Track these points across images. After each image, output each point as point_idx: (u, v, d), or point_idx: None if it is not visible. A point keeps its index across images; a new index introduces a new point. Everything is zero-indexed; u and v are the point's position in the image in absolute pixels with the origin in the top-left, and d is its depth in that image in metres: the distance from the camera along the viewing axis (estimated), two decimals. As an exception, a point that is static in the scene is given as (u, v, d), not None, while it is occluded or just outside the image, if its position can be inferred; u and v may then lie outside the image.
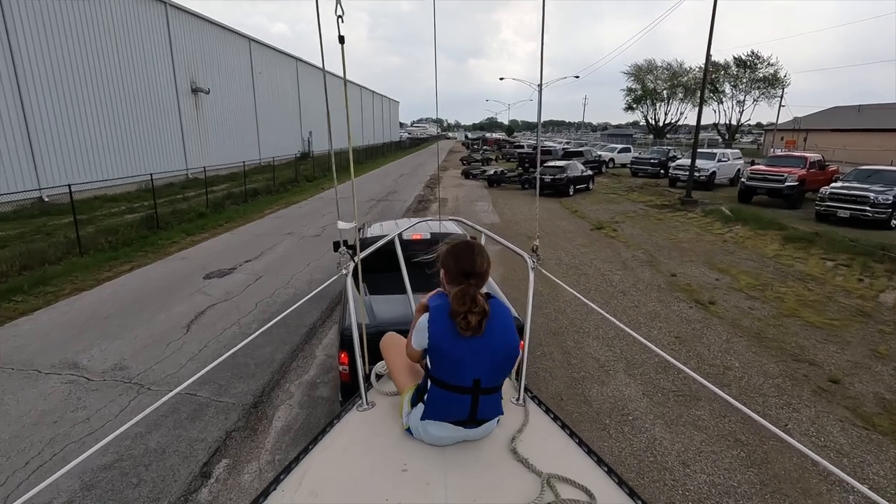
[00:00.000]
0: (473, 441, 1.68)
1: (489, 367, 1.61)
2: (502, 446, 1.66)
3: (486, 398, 1.62)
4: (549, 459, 1.56)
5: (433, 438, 1.65)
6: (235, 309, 7.25)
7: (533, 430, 1.74)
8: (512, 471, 1.54)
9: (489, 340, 1.61)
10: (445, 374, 1.61)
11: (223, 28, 26.28)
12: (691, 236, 12.59)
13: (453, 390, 1.60)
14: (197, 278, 8.71)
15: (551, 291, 8.10)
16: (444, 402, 1.61)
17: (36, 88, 14.81)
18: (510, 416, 1.81)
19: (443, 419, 1.62)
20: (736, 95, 54.11)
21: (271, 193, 19.27)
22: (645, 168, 26.93)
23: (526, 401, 1.93)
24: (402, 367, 1.90)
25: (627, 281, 8.86)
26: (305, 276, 8.99)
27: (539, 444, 1.67)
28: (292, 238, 11.95)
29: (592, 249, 11.21)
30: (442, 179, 27.41)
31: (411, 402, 1.71)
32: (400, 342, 1.98)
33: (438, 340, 1.60)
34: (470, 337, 1.58)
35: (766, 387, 5.25)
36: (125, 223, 12.01)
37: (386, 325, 3.29)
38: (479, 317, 1.58)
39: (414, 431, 1.68)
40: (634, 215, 15.73)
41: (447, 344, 1.59)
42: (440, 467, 1.56)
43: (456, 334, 1.59)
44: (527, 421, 1.79)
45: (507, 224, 14.29)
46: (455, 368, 1.59)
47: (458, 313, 1.58)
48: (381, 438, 1.70)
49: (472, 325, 1.57)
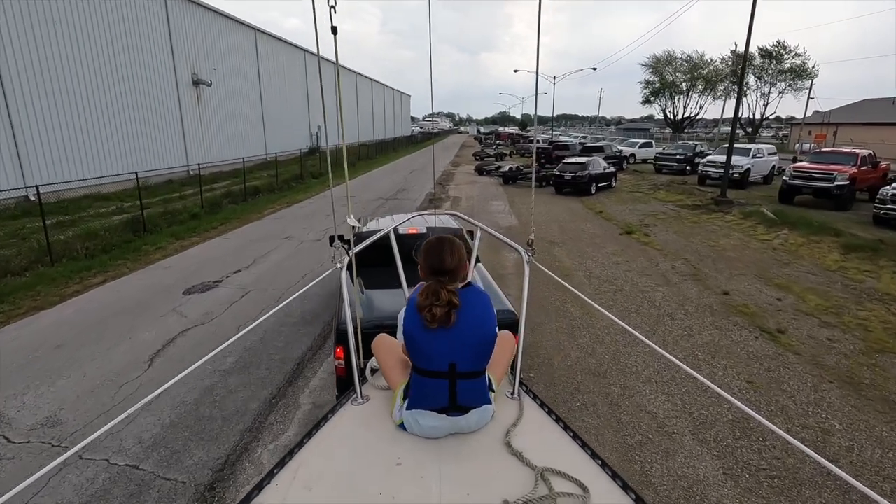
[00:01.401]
0: (467, 434, 1.68)
1: (463, 352, 1.65)
2: (496, 440, 1.65)
3: (465, 383, 1.65)
4: (543, 453, 1.55)
5: (424, 430, 1.65)
6: (212, 336, 6.13)
7: (527, 424, 1.73)
8: (506, 464, 1.53)
9: (461, 330, 1.65)
10: (420, 362, 1.67)
11: (227, 17, 25.19)
12: (735, 243, 11.21)
13: (430, 375, 1.65)
14: (176, 294, 7.62)
15: (585, 314, 6.86)
16: (424, 388, 1.66)
17: (21, 79, 13.82)
18: (505, 410, 1.80)
19: (425, 406, 1.64)
20: (761, 88, 52.04)
21: (273, 191, 18.21)
22: (670, 164, 25.31)
23: (521, 395, 1.92)
24: (392, 365, 1.89)
25: (672, 300, 7.58)
26: (300, 290, 7.85)
27: (533, 437, 1.66)
28: (290, 243, 10.83)
29: (625, 259, 9.91)
30: (454, 176, 26.14)
31: (403, 396, 1.73)
32: (390, 342, 1.98)
33: (410, 331, 1.69)
34: (439, 328, 1.63)
35: (888, 464, 3.97)
36: (110, 226, 10.99)
37: (381, 320, 3.29)
38: (443, 310, 1.63)
39: (407, 425, 1.68)
40: (665, 217, 14.35)
41: (417, 334, 1.67)
42: (434, 461, 1.55)
43: (421, 325, 1.65)
44: (521, 415, 1.78)
45: (524, 226, 13.02)
46: (426, 356, 1.65)
47: (423, 307, 1.65)
48: (375, 432, 1.70)
49: (437, 316, 1.62)
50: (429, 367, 1.65)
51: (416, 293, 1.73)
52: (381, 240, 2.90)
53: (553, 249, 10.62)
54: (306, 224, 12.84)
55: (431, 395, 1.63)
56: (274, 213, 14.73)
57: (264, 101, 29.71)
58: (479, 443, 1.64)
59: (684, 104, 61.30)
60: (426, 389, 1.64)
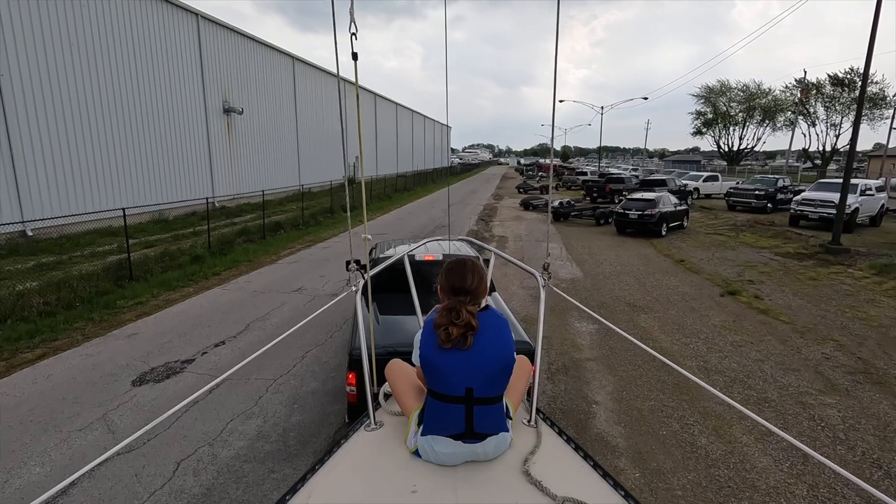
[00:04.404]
0: (484, 462, 1.63)
1: (480, 377, 1.59)
2: (514, 468, 1.59)
3: (482, 409, 1.60)
4: (563, 482, 1.50)
5: (440, 457, 1.60)
6: (134, 481, 3.84)
7: (546, 452, 1.68)
8: (525, 493, 1.47)
9: (478, 353, 1.60)
10: (436, 385, 1.62)
11: (263, 45, 24.31)
12: (892, 314, 8.23)
13: (446, 400, 1.60)
14: (122, 384, 5.46)
15: (728, 450, 4.20)
16: (440, 413, 1.61)
17: (26, 104, 12.59)
18: (522, 438, 1.76)
19: (441, 433, 1.59)
20: (831, 117, 47.86)
21: (298, 227, 16.34)
22: (747, 201, 21.99)
23: (538, 422, 1.86)
24: (406, 389, 1.85)
25: (858, 425, 4.80)
26: (294, 380, 5.58)
27: (553, 466, 1.61)
28: (300, 298, 8.65)
29: (746, 338, 7.15)
30: (498, 211, 23.80)
31: (417, 422, 1.69)
32: (404, 367, 1.94)
33: (426, 352, 1.65)
34: (456, 349, 1.60)
35: None
36: (91, 272, 9.15)
37: (395, 346, 3.32)
38: (461, 330, 1.59)
39: (422, 452, 1.63)
40: (769, 270, 11.40)
41: (433, 355, 1.62)
42: (450, 489, 1.50)
43: (438, 347, 1.61)
44: (539, 442, 1.73)
45: (593, 281, 10.41)
46: (442, 379, 1.60)
47: (440, 325, 1.62)
48: (389, 459, 1.66)
49: (452, 336, 1.58)
50: (445, 391, 1.61)
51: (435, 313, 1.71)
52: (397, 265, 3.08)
53: (637, 317, 7.97)
54: (324, 271, 10.69)
55: (447, 421, 1.59)
56: (293, 253, 12.73)
57: (300, 130, 28.60)
58: (497, 471, 1.59)
59: (740, 135, 57.51)
60: (442, 415, 1.61)
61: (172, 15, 17.82)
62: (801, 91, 46.62)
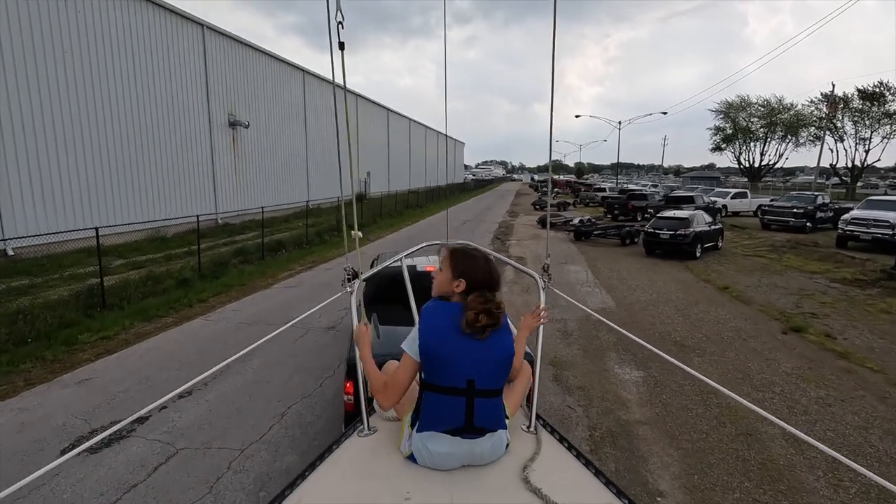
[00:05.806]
0: (481, 468, 1.57)
1: (483, 368, 1.56)
2: (513, 474, 1.53)
3: (482, 402, 1.56)
4: (564, 489, 1.43)
5: (436, 459, 1.54)
6: None
7: (546, 459, 1.62)
8: (523, 500, 1.41)
9: (487, 346, 1.56)
10: (436, 377, 1.56)
11: (272, 57, 23.67)
12: None
13: (446, 392, 1.55)
14: (48, 452, 4.30)
15: None
16: (438, 406, 1.56)
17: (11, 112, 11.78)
18: (521, 444, 1.70)
19: (438, 428, 1.54)
20: (860, 132, 46.01)
21: (301, 246, 15.27)
22: (784, 220, 20.39)
23: (538, 428, 1.80)
24: None
25: None
26: (267, 452, 4.36)
27: (553, 473, 1.54)
28: (291, 334, 7.46)
29: (830, 392, 5.76)
30: (514, 229, 22.57)
31: (410, 423, 1.63)
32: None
33: (430, 340, 1.57)
34: (466, 339, 1.55)
35: None
36: (54, 301, 8.10)
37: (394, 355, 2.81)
38: (491, 321, 1.56)
39: (416, 455, 1.58)
40: (830, 300, 9.95)
41: (436, 342, 1.56)
42: (446, 495, 1.45)
43: (447, 334, 1.56)
44: (539, 449, 1.66)
45: (628, 312, 9.07)
46: (445, 369, 1.55)
47: (473, 308, 1.56)
48: (383, 465, 1.60)
49: (480, 323, 1.54)
50: (446, 382, 1.55)
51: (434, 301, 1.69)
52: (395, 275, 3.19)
53: (689, 361, 6.61)
54: (325, 296, 9.48)
55: (445, 415, 1.55)
56: (291, 276, 11.62)
57: (309, 145, 27.86)
58: (494, 476, 1.54)
59: (761, 151, 55.68)
60: (440, 408, 1.56)
61: (176, 25, 17.15)
62: (828, 105, 44.93)
